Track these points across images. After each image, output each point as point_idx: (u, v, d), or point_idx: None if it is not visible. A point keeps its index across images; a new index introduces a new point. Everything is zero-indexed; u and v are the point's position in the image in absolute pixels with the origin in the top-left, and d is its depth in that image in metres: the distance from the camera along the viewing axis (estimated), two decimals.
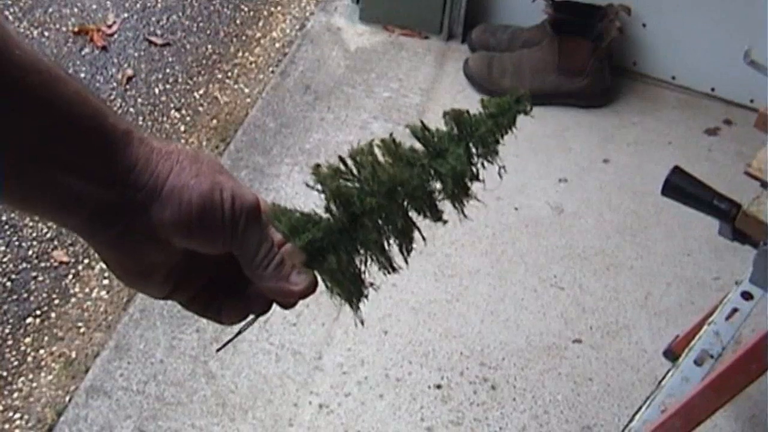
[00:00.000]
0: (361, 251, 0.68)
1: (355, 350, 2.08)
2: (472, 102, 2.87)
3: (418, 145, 0.70)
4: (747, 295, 1.73)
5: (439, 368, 2.09)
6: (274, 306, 0.73)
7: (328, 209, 0.67)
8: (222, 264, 0.70)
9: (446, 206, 0.72)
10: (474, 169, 0.71)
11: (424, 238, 0.71)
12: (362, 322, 0.70)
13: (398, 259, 0.70)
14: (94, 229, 0.65)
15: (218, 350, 2.09)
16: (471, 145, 0.70)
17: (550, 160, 2.67)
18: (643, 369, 2.14)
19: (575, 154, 2.72)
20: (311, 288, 0.69)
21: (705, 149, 2.80)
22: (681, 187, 1.53)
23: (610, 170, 2.69)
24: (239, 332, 0.75)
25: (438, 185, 0.70)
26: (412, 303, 2.22)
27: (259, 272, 0.67)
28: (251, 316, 0.73)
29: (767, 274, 1.56)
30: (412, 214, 0.69)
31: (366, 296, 0.69)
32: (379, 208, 0.67)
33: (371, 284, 0.70)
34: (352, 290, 0.69)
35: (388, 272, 0.70)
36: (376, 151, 0.68)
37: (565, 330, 2.21)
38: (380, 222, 0.67)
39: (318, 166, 0.67)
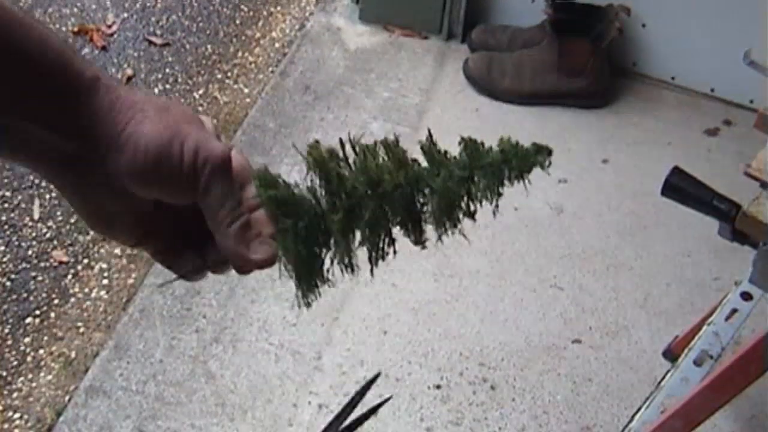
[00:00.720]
0: (331, 243, 0.66)
1: (355, 350, 2.08)
2: (472, 102, 2.89)
3: (423, 160, 0.67)
4: (746, 296, 1.73)
5: (438, 368, 2.09)
6: (275, 308, 0.73)
7: (311, 190, 0.65)
8: (193, 217, 0.68)
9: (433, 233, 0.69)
10: (468, 201, 0.68)
11: (395, 252, 0.68)
12: (308, 306, 0.67)
13: (363, 266, 0.68)
14: (54, 174, 0.64)
15: (160, 286, 2.09)
16: (475, 176, 0.67)
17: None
18: (643, 369, 2.14)
19: (575, 154, 2.72)
20: (268, 262, 0.66)
21: (705, 150, 2.80)
22: (681, 187, 1.53)
23: (610, 170, 2.69)
24: (182, 276, 0.72)
25: (428, 205, 0.67)
26: (412, 303, 2.22)
27: (221, 229, 0.65)
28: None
29: (767, 275, 1.56)
30: (395, 226, 0.67)
31: (319, 289, 0.67)
32: (363, 205, 0.65)
33: (329, 280, 0.67)
34: (308, 279, 0.66)
35: (348, 272, 0.67)
36: (379, 149, 0.66)
37: (565, 330, 2.21)
38: (359, 221, 0.65)
39: (317, 143, 0.65)
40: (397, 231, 0.67)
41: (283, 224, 0.65)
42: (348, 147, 0.65)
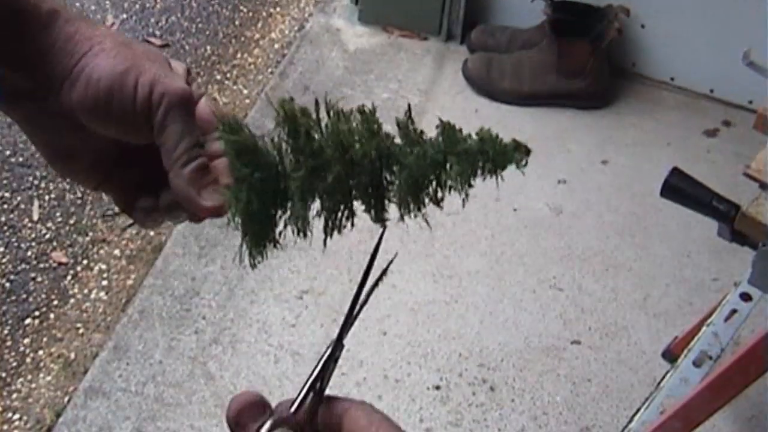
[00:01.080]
0: (287, 206, 0.63)
1: (354, 351, 2.08)
2: (471, 103, 2.89)
3: (398, 138, 0.64)
4: (746, 297, 1.73)
5: (437, 369, 2.09)
6: (274, 309, 0.72)
7: (276, 145, 0.62)
8: (152, 162, 0.65)
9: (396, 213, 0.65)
10: (437, 186, 0.64)
11: (352, 225, 0.65)
12: (252, 267, 0.64)
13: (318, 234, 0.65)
14: (10, 108, 0.63)
15: (102, 217, 2.06)
16: (448, 161, 0.64)
17: (549, 161, 2.67)
18: (642, 370, 2.14)
19: (574, 155, 2.73)
20: (217, 211, 0.63)
21: (704, 150, 2.80)
22: (680, 188, 1.53)
23: (609, 171, 2.69)
24: (134, 219, 0.70)
25: (395, 183, 0.64)
26: (411, 304, 2.22)
27: (175, 169, 0.62)
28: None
29: (766, 276, 1.56)
30: (357, 199, 0.64)
31: (267, 250, 0.64)
32: (327, 168, 0.62)
33: (278, 242, 0.64)
34: (256, 236, 0.63)
35: (300, 235, 0.63)
36: (354, 116, 0.63)
37: (564, 331, 2.21)
38: (321, 183, 0.62)
39: (291, 99, 0.62)
40: (358, 205, 0.64)
41: (239, 173, 0.62)
42: (323, 109, 0.62)
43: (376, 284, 0.64)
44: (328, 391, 0.61)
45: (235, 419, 0.56)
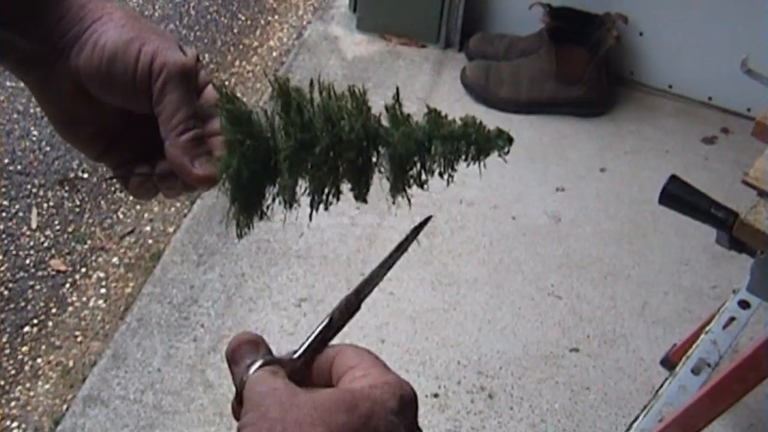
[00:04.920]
0: (278, 179, 0.65)
1: None
2: (469, 111, 2.88)
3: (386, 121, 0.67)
4: (744, 304, 1.73)
5: (436, 377, 2.09)
6: (273, 317, 0.72)
7: (269, 118, 0.65)
8: (154, 134, 0.67)
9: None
10: (421, 168, 0.67)
11: (337, 200, 0.67)
12: (239, 237, 0.67)
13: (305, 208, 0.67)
14: (21, 71, 0.65)
15: (108, 178, 2.08)
16: (432, 143, 0.67)
17: (547, 169, 2.67)
18: (641, 378, 2.13)
19: (572, 162, 2.73)
20: (208, 181, 0.66)
21: (702, 158, 2.80)
22: (678, 195, 1.53)
23: (608, 179, 2.69)
24: (128, 188, 0.72)
25: (380, 163, 0.66)
26: (410, 312, 2.22)
27: (171, 137, 0.65)
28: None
29: (764, 283, 1.56)
30: (343, 176, 0.66)
31: (253, 221, 0.67)
32: (316, 141, 0.64)
33: (265, 214, 0.67)
34: (245, 206, 0.66)
35: (288, 208, 0.66)
36: (344, 97, 0.65)
37: (563, 339, 2.20)
38: (309, 155, 0.64)
39: (287, 81, 0.65)
40: (344, 185, 0.67)
41: (231, 138, 0.64)
42: (316, 89, 0.65)
43: (405, 247, 0.67)
44: None
45: (231, 354, 0.59)
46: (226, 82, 2.95)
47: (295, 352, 0.61)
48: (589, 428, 2.03)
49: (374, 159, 0.66)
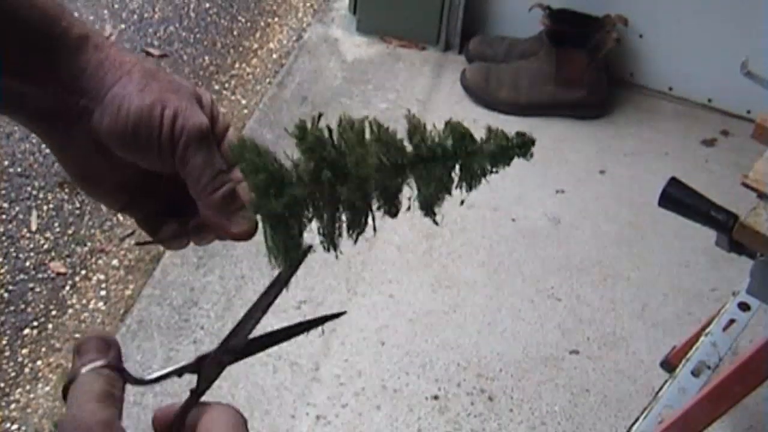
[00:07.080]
0: (312, 216, 0.66)
1: (352, 361, 2.08)
2: (469, 113, 2.89)
3: (407, 143, 0.66)
4: (744, 306, 1.73)
5: (436, 379, 2.09)
6: (272, 319, 0.72)
7: (296, 165, 0.64)
8: (181, 186, 0.67)
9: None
10: (447, 188, 0.68)
11: (375, 230, 0.68)
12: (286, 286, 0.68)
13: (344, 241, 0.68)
14: (38, 128, 0.65)
15: (137, 244, 2.12)
16: (458, 166, 0.67)
17: (547, 171, 2.68)
18: (641, 380, 2.13)
19: (572, 165, 2.73)
20: (247, 235, 0.67)
21: (702, 160, 2.80)
22: (678, 198, 1.53)
23: (607, 181, 2.69)
24: (161, 241, 0.72)
25: (407, 194, 0.66)
26: (409, 314, 2.22)
27: (204, 197, 0.65)
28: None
29: (764, 285, 1.56)
30: (375, 204, 0.66)
31: (299, 262, 0.68)
32: (347, 184, 0.64)
33: (309, 250, 0.68)
34: (287, 250, 0.67)
35: (328, 249, 0.68)
36: (366, 130, 0.65)
37: (563, 341, 2.20)
38: (342, 198, 0.64)
39: (317, 121, 0.64)
40: (375, 206, 0.67)
41: (261, 192, 0.63)
42: (334, 125, 0.64)
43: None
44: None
45: (78, 345, 0.59)
46: (226, 84, 2.96)
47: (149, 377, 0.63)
48: (589, 430, 2.02)
49: (401, 187, 0.66)
